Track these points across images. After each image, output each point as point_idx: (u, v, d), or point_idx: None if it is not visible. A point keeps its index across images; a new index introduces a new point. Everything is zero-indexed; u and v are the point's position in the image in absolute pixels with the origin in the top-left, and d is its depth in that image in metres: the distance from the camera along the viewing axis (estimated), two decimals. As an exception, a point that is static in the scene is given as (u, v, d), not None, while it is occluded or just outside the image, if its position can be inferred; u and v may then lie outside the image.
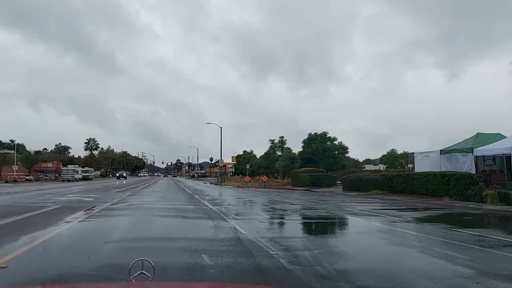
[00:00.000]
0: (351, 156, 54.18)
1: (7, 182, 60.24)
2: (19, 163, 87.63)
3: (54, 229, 9.63)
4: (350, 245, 8.58)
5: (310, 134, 49.23)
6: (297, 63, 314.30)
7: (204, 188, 42.94)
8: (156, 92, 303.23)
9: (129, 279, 1.98)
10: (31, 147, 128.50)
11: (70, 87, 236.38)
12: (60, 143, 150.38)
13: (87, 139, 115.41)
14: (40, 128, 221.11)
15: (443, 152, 26.99)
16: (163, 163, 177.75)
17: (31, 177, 77.10)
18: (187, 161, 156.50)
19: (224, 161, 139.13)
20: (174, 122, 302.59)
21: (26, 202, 18.78)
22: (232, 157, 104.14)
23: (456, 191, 22.04)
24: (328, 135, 49.15)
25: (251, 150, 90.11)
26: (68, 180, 70.90)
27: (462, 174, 22.42)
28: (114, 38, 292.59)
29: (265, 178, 46.93)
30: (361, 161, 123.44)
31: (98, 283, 4.21)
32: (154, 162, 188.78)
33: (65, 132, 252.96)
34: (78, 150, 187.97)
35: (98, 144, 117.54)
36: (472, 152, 24.80)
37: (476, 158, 25.27)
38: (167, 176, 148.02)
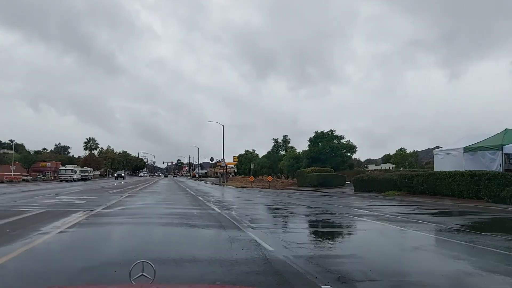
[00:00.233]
0: (353, 156, 51.69)
1: (2, 182, 57.79)
2: (17, 163, 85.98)
3: (20, 245, 7.22)
4: (423, 268, 6.20)
5: (317, 132, 46.89)
6: (297, 63, 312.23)
7: (206, 188, 40.57)
8: (156, 92, 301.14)
9: (129, 281, 1.86)
10: (31, 147, 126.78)
11: (70, 87, 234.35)
12: (59, 143, 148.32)
13: (87, 139, 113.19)
14: (40, 128, 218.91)
15: (467, 149, 24.67)
16: (163, 163, 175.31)
17: (29, 177, 74.86)
18: (187, 161, 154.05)
19: (225, 160, 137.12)
20: (174, 122, 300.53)
21: (8, 205, 16.38)
22: (234, 156, 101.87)
23: (488, 192, 19.76)
24: (335, 133, 46.81)
25: (253, 150, 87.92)
26: (66, 180, 68.94)
27: (494, 174, 20.12)
28: (114, 38, 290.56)
29: (270, 178, 44.55)
30: (362, 161, 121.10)
31: (98, 285, 4.00)
32: (154, 162, 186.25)
33: (65, 132, 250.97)
34: (78, 150, 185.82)
35: (97, 144, 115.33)
36: (501, 150, 22.52)
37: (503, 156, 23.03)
38: (167, 176, 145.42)
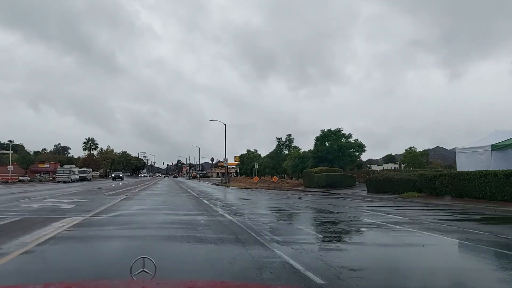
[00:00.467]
0: (361, 156, 49.45)
1: (-3, 183, 55.53)
2: (15, 163, 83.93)
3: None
4: None
5: (323, 131, 44.60)
6: (297, 63, 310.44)
7: (209, 189, 38.27)
8: (156, 92, 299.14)
9: (130, 277, 1.84)
10: (31, 147, 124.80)
11: (70, 87, 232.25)
12: (59, 143, 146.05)
13: (86, 139, 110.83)
14: (40, 129, 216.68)
15: (495, 147, 22.34)
16: (163, 164, 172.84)
17: (27, 177, 72.73)
18: (187, 161, 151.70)
19: (227, 160, 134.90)
20: (174, 122, 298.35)
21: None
22: (235, 157, 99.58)
23: (528, 195, 17.51)
24: (343, 132, 44.51)
25: (255, 150, 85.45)
26: (64, 181, 66.60)
27: (535, 174, 17.86)
28: (114, 38, 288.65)
29: (275, 179, 42.29)
30: (363, 161, 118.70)
31: (100, 280, 3.73)
32: (154, 163, 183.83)
33: (65, 133, 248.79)
34: (78, 151, 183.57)
35: (97, 144, 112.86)
36: (537, 147, 20.27)
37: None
38: (167, 176, 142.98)
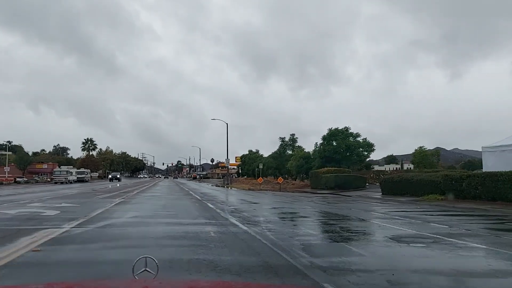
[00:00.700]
0: (370, 155, 47.16)
1: (-9, 184, 53.05)
2: (12, 164, 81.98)
3: None
4: None
5: (331, 130, 42.28)
6: (297, 64, 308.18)
7: (212, 191, 35.88)
8: (156, 93, 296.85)
9: (132, 276, 1.82)
10: (30, 148, 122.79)
11: (70, 88, 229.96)
12: (58, 144, 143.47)
13: (85, 139, 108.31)
14: (40, 130, 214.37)
15: (531, 145, 20.13)
16: (163, 164, 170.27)
17: (24, 178, 70.29)
18: (187, 162, 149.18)
19: (224, 162, 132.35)
20: (174, 123, 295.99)
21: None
22: (236, 157, 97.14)
23: None
24: (350, 131, 42.20)
25: (256, 150, 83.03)
26: (62, 182, 64.19)
27: None
28: (114, 39, 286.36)
29: (280, 180, 39.95)
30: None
31: (101, 280, 3.83)
32: (154, 164, 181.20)
33: (65, 134, 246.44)
34: (77, 152, 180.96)
35: (96, 144, 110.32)
36: None
37: None
38: (167, 177, 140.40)
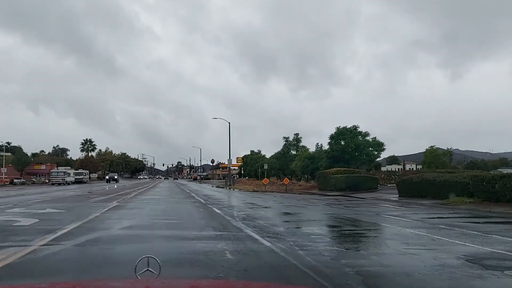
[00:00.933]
0: (381, 155, 45.09)
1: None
2: (10, 165, 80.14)
3: None
4: None
5: (339, 128, 40.07)
6: (298, 64, 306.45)
7: (215, 193, 33.60)
8: (156, 93, 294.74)
9: (135, 276, 1.82)
10: (30, 149, 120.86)
11: (70, 89, 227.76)
12: (58, 145, 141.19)
13: (83, 140, 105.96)
14: (40, 131, 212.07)
15: None
16: (163, 165, 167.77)
17: (22, 179, 68.10)
18: (188, 163, 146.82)
19: (225, 162, 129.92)
20: (174, 123, 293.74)
21: None
22: (237, 158, 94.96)
23: None
24: (359, 129, 40.00)
25: (259, 150, 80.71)
26: (59, 184, 61.95)
27: None
28: (114, 40, 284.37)
29: (286, 181, 37.75)
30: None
31: (104, 280, 3.80)
32: (154, 164, 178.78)
33: (65, 135, 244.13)
34: (77, 153, 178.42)
35: (95, 145, 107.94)
36: None
37: None
38: (167, 178, 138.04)
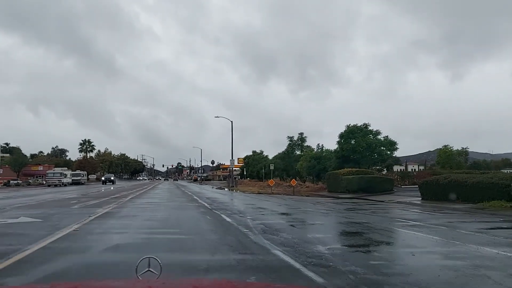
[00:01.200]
0: (394, 154, 42.66)
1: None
2: (6, 166, 77.92)
3: None
4: None
5: (349, 127, 37.60)
6: (298, 65, 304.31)
7: (219, 196, 31.03)
8: (156, 94, 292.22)
9: (136, 276, 1.80)
10: (29, 150, 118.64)
11: (69, 90, 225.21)
12: (57, 146, 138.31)
13: (82, 141, 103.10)
14: (39, 132, 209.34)
15: None
16: (163, 166, 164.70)
17: (19, 181, 65.49)
18: (188, 164, 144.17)
19: (226, 163, 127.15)
20: (174, 124, 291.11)
21: None
22: (239, 158, 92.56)
23: None
24: (370, 128, 37.54)
25: (261, 151, 78.11)
26: (55, 185, 59.41)
27: None
28: (114, 41, 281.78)
29: (293, 182, 35.21)
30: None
31: (104, 280, 3.71)
32: (154, 165, 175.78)
33: (64, 135, 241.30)
34: (76, 154, 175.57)
35: (93, 146, 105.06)
36: None
37: None
38: (167, 179, 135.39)
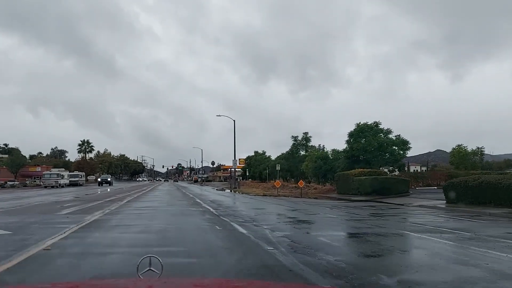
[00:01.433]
0: (407, 154, 40.52)
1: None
2: (4, 167, 75.99)
3: None
4: None
5: (359, 125, 35.41)
6: (298, 65, 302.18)
7: (223, 198, 28.79)
8: (156, 95, 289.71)
9: (137, 275, 1.79)
10: (29, 151, 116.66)
11: (69, 90, 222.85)
12: (56, 147, 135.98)
13: (81, 141, 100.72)
14: (39, 132, 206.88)
15: None
16: (163, 167, 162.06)
17: (15, 182, 63.34)
18: (188, 165, 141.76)
19: (226, 164, 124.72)
20: (174, 125, 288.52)
21: None
22: (240, 159, 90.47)
23: None
24: (381, 126, 35.36)
25: (263, 151, 75.92)
26: (52, 186, 57.23)
27: None
28: (114, 41, 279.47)
29: (301, 184, 32.97)
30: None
31: (105, 279, 3.67)
32: (154, 166, 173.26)
33: (64, 136, 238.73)
34: (75, 154, 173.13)
35: (92, 146, 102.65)
36: None
37: None
38: (167, 180, 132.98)
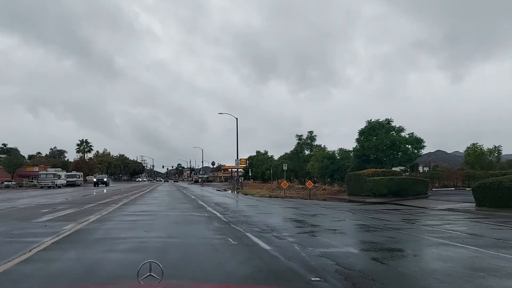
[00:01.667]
0: (421, 153, 38.40)
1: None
2: (1, 167, 74.01)
3: None
4: None
5: (370, 122, 33.22)
6: (298, 65, 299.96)
7: (227, 200, 26.58)
8: (156, 95, 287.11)
9: (137, 281, 1.77)
10: (28, 152, 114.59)
11: (68, 90, 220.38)
12: (55, 147, 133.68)
13: (80, 141, 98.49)
14: (38, 132, 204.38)
15: None
16: (163, 167, 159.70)
17: (12, 182, 61.20)
18: (188, 165, 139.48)
19: (227, 164, 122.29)
20: (174, 125, 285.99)
21: None
22: (241, 159, 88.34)
23: None
24: (393, 124, 33.19)
25: (265, 151, 73.69)
26: (48, 187, 55.13)
27: None
28: (113, 41, 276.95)
29: (310, 184, 30.74)
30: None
31: (106, 285, 3.65)
32: (153, 166, 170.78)
33: (63, 136, 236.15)
34: (74, 154, 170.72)
35: (91, 146, 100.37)
36: None
37: None
38: (167, 181, 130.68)
